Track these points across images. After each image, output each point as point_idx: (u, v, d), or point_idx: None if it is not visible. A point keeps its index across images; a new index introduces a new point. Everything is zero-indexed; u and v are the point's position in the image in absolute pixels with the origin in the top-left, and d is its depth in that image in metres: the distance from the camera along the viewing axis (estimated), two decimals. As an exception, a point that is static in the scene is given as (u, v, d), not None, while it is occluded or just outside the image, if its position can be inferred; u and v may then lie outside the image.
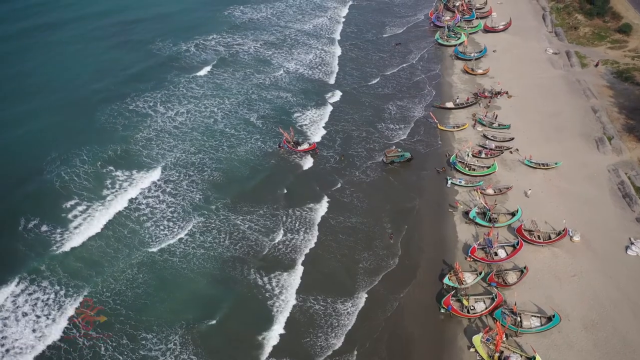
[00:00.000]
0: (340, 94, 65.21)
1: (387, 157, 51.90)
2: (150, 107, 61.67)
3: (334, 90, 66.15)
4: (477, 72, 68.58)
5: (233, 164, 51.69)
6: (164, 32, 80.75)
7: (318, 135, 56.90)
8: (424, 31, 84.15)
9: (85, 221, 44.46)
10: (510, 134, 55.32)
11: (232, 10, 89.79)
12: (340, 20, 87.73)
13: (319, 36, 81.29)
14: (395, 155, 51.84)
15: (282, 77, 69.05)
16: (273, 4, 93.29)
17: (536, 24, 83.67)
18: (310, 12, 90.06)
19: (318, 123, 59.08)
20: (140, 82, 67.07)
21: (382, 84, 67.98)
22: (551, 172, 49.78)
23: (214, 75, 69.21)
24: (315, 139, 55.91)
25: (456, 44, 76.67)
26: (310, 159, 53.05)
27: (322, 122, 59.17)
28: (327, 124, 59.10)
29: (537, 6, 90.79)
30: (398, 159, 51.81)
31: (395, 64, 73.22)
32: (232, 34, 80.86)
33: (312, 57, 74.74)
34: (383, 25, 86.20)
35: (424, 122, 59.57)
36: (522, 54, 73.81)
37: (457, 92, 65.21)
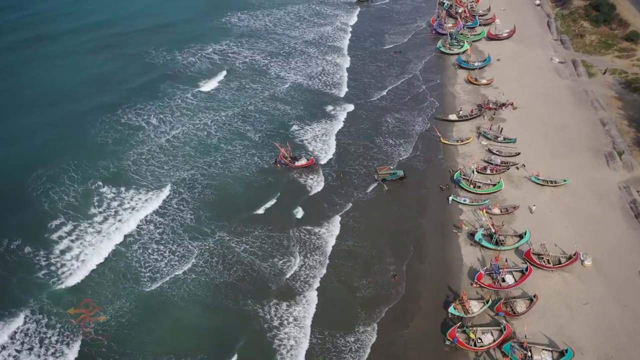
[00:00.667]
0: (339, 106, 63.48)
1: (379, 175, 50.17)
2: (144, 119, 60.08)
3: (333, 102, 64.46)
4: (480, 82, 67.03)
5: (227, 182, 50.00)
6: (159, 41, 79.23)
7: (316, 149, 55.24)
8: (425, 39, 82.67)
9: (74, 243, 42.75)
10: (516, 149, 53.70)
11: (229, 18, 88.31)
12: (339, 28, 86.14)
13: (317, 45, 79.75)
14: (387, 173, 50.03)
15: (280, 88, 67.48)
16: (271, 11, 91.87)
17: (541, 31, 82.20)
18: (308, 20, 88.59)
19: (317, 137, 57.38)
20: (133, 93, 65.51)
21: (381, 95, 66.29)
22: (559, 189, 48.13)
23: (209, 86, 67.60)
24: (313, 154, 54.29)
25: (459, 53, 75.19)
26: (308, 176, 51.38)
27: (320, 136, 57.47)
28: (325, 138, 57.39)
29: (541, 13, 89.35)
30: (390, 177, 50.03)
31: (395, 74, 71.67)
32: (229, 43, 79.33)
33: (310, 66, 73.20)
34: (382, 32, 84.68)
35: (426, 135, 57.94)
36: (527, 62, 72.30)
37: (460, 104, 63.65)
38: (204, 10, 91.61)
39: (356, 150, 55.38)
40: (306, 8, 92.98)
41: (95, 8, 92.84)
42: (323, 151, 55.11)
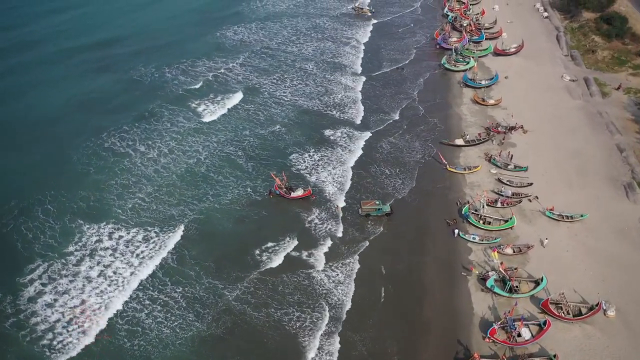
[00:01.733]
0: (339, 130, 60.47)
1: (363, 210, 47.35)
2: (130, 145, 57.24)
3: (332, 125, 61.50)
4: (488, 102, 64.32)
5: (216, 217, 46.97)
6: (148, 57, 76.89)
7: (313, 179, 52.31)
8: (429, 54, 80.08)
9: (46, 287, 39.76)
10: (528, 178, 50.79)
11: (223, 31, 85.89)
12: (338, 43, 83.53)
13: (316, 61, 77.06)
14: (372, 208, 47.15)
15: (276, 109, 64.69)
16: (266, 24, 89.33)
17: (550, 45, 79.65)
18: (305, 34, 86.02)
19: (315, 165, 54.40)
20: (119, 114, 62.92)
21: (384, 118, 63.38)
22: (576, 225, 45.19)
23: (199, 106, 64.92)
24: (310, 184, 51.32)
25: (464, 69, 72.57)
26: (304, 208, 48.41)
27: (319, 164, 54.53)
28: (324, 166, 54.51)
29: (549, 25, 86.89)
30: (375, 212, 47.16)
31: (397, 92, 68.98)
32: (221, 58, 76.80)
33: (309, 85, 70.42)
34: (384, 47, 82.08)
35: (430, 162, 55.02)
36: (536, 80, 69.64)
37: (466, 126, 60.85)
38: (197, 24, 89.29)
39: (358, 181, 52.26)
40: (304, 21, 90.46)
41: (81, 21, 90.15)
42: (321, 181, 52.17)
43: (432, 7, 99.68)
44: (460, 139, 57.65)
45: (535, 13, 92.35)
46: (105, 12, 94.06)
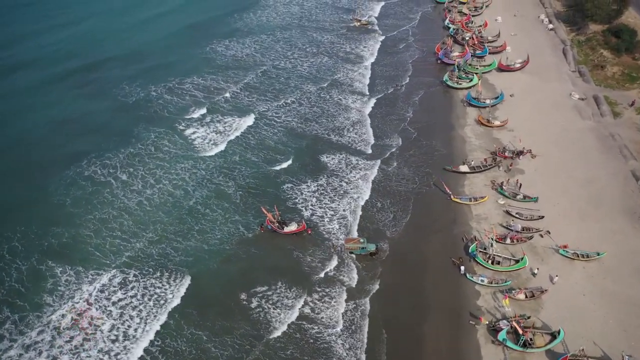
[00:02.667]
0: (336, 155, 57.58)
1: (345, 247, 44.40)
2: (111, 173, 54.21)
3: (329, 149, 58.62)
4: (493, 123, 61.59)
5: (203, 258, 43.89)
6: (133, 74, 74.02)
7: (308, 212, 49.34)
8: (429, 69, 77.41)
9: (15, 343, 36.59)
10: (539, 211, 47.93)
11: (214, 46, 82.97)
12: (335, 57, 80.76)
13: (312, 79, 74.18)
14: (356, 247, 44.19)
15: (269, 132, 61.74)
16: (260, 38, 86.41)
17: (556, 60, 77.12)
18: (301, 48, 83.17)
19: (311, 196, 51.38)
20: (102, 138, 60.00)
21: (382, 141, 60.48)
22: (593, 265, 42.32)
23: (187, 129, 61.96)
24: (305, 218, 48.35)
25: (468, 87, 69.94)
26: (298, 245, 45.41)
27: (314, 195, 51.55)
28: (318, 198, 51.51)
29: (555, 38, 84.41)
30: (358, 251, 44.21)
31: (394, 112, 66.13)
32: (212, 75, 73.89)
33: (303, 105, 67.47)
34: (382, 63, 79.37)
35: (432, 191, 52.10)
36: (543, 99, 67.01)
37: (471, 150, 58.06)
38: (186, 38, 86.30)
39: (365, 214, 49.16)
40: (299, 35, 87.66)
41: (67, 41, 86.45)
42: (317, 215, 49.17)
43: (432, 19, 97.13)
44: (464, 165, 54.81)
45: (540, 25, 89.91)
46: (92, 30, 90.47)
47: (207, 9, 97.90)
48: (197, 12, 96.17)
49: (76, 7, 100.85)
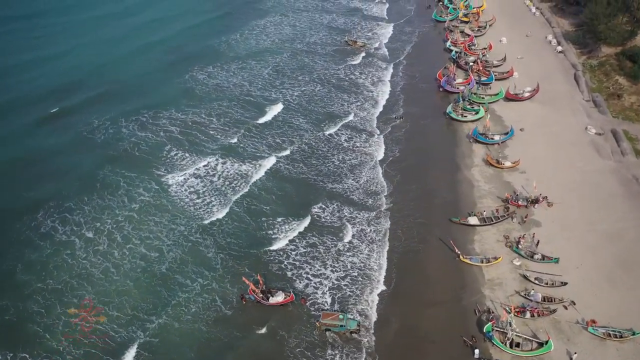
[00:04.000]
0: (329, 205, 52.45)
1: (320, 324, 39.22)
2: (73, 230, 48.78)
3: (323, 196, 53.51)
4: (504, 164, 56.86)
5: (174, 342, 38.45)
6: (104, 107, 68.55)
7: (298, 279, 44.07)
8: (430, 99, 72.77)
9: None
10: (561, 275, 42.98)
11: (195, 73, 77.70)
12: (328, 84, 75.91)
13: (302, 112, 68.75)
14: (333, 324, 38.97)
15: (254, 177, 56.25)
16: (247, 64, 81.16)
17: (568, 88, 72.73)
18: (290, 76, 77.92)
19: (302, 259, 46.04)
20: (62, 183, 54.76)
21: (376, 187, 55.37)
22: (627, 346, 37.41)
23: (162, 173, 56.58)
24: (294, 286, 43.10)
25: (474, 120, 65.36)
26: (285, 320, 40.14)
27: (304, 258, 46.34)
28: (308, 262, 46.20)
29: (565, 62, 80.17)
30: (337, 329, 38.97)
31: (395, 151, 61.20)
32: (192, 108, 68.59)
33: (294, 144, 62.03)
34: (379, 90, 74.83)
35: (433, 249, 46.96)
36: (556, 134, 62.42)
37: (480, 197, 53.22)
38: (164, 64, 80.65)
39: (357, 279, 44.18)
40: (290, 60, 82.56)
41: (27, 65, 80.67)
42: (310, 283, 43.84)
43: (432, 39, 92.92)
44: (474, 217, 49.87)
45: (548, 46, 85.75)
46: (55, 52, 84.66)
47: (188, 31, 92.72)
48: (178, 34, 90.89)
49: (38, 26, 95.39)
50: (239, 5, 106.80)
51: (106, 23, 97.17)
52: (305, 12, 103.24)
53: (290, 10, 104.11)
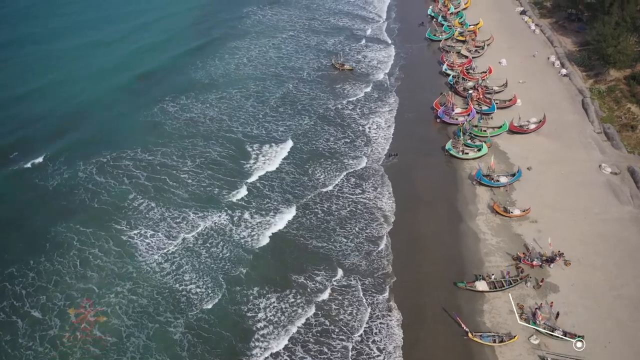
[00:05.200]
0: (311, 278, 46.57)
1: None
2: (15, 307, 42.13)
3: (304, 269, 47.37)
4: (512, 213, 51.50)
5: None
6: (58, 143, 61.96)
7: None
8: (427, 131, 67.54)
9: None
10: (585, 358, 37.43)
11: (165, 105, 71.33)
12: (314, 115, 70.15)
13: (290, 154, 62.04)
14: None
15: (236, 233, 50.10)
16: (225, 92, 75.08)
17: (577, 117, 67.96)
18: (274, 107, 71.80)
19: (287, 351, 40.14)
20: (6, 241, 48.09)
21: (367, 245, 49.49)
22: None
23: (124, 228, 50.22)
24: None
25: (477, 157, 60.12)
26: None
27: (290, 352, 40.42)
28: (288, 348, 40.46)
29: (571, 87, 75.57)
30: None
31: (385, 194, 55.58)
32: (159, 147, 62.15)
33: (275, 192, 55.70)
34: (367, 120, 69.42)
35: (442, 320, 41.33)
36: (568, 173, 57.26)
37: (488, 253, 47.70)
38: (130, 93, 73.91)
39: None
40: (273, 87, 76.34)
41: None
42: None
43: (427, 60, 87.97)
44: (482, 281, 44.22)
45: (551, 69, 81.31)
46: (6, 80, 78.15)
47: (160, 54, 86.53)
48: (147, 58, 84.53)
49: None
50: (217, 24, 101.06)
51: (65, 47, 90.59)
52: (291, 31, 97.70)
53: (275, 30, 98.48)
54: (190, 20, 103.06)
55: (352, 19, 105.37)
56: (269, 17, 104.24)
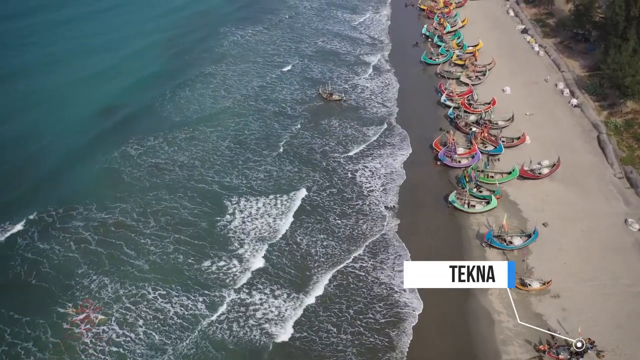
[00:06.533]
0: None
1: None
2: None
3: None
4: (531, 287, 44.61)
5: None
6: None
7: None
8: (426, 175, 60.68)
9: None
10: None
11: (128, 147, 62.90)
12: (298, 160, 62.69)
13: (271, 210, 54.43)
14: None
15: (199, 321, 42.58)
16: (200, 131, 66.71)
17: (593, 158, 61.51)
18: (255, 149, 63.88)
19: None
20: None
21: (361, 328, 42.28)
22: None
23: (69, 313, 42.26)
24: None
25: (485, 211, 53.27)
26: None
27: None
28: None
29: (583, 120, 69.22)
30: None
31: (382, 260, 48.40)
32: (119, 201, 54.16)
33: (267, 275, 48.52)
34: (364, 168, 62.28)
35: None
36: (590, 232, 50.48)
37: (505, 341, 40.57)
38: (88, 134, 65.11)
39: None
40: (254, 123, 68.12)
41: None
42: None
43: (423, 88, 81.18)
44: (500, 383, 37.45)
45: (560, 98, 75.04)
46: None
47: (126, 82, 78.22)
48: (111, 87, 76.30)
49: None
50: (190, 46, 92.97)
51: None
52: (276, 56, 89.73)
53: (255, 54, 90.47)
54: (160, 42, 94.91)
55: (340, 40, 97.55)
56: (248, 38, 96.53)
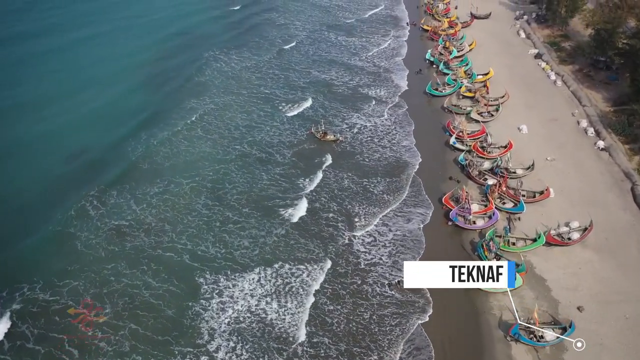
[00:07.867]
0: None
1: None
2: None
3: None
4: (570, 403, 36.83)
5: None
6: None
7: None
8: (439, 243, 52.51)
9: None
10: None
11: (87, 203, 54.52)
12: (286, 223, 55.06)
13: (254, 287, 46.83)
14: None
15: None
16: (174, 184, 58.48)
17: (629, 217, 53.75)
18: (235, 207, 55.60)
19: None
20: None
21: None
22: None
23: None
24: None
25: (503, 291, 45.29)
26: None
27: None
28: None
29: (612, 166, 61.58)
30: None
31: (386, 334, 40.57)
32: (67, 279, 45.63)
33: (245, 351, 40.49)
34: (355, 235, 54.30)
35: None
36: (634, 316, 42.77)
37: None
38: (46, 188, 57.50)
39: None
40: (236, 173, 59.94)
41: None
42: None
43: (429, 126, 73.06)
44: None
45: (584, 138, 67.52)
46: None
47: (91, 122, 70.49)
48: (73, 131, 68.15)
49: None
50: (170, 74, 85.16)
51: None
52: (263, 87, 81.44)
53: (239, 85, 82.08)
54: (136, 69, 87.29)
55: (334, 68, 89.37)
56: (234, 65, 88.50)
